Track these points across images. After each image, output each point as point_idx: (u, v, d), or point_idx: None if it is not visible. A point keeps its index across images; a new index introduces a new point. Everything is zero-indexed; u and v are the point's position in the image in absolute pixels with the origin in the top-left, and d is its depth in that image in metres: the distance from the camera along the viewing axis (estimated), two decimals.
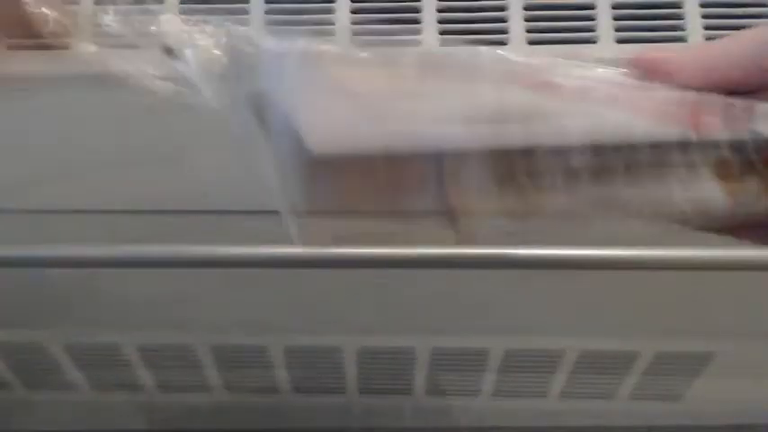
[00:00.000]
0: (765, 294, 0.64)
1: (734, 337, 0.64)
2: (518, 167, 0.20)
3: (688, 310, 0.71)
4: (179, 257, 0.50)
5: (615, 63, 0.24)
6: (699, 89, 0.23)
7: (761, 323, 0.67)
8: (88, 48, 0.50)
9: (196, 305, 0.66)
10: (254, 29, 0.56)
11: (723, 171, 0.22)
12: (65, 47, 0.50)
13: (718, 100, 0.23)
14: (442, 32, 0.56)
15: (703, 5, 0.56)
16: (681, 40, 0.55)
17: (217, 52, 0.23)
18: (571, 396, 0.84)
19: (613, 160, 0.21)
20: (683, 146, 0.22)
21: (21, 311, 0.67)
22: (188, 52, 0.23)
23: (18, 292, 0.62)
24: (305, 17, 0.57)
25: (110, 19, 0.27)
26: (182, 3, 0.57)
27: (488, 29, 0.56)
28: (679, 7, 0.56)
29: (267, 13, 0.57)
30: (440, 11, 0.57)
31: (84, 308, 0.67)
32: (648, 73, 0.24)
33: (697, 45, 0.23)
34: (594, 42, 0.56)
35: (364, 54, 0.23)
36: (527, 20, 0.56)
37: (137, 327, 0.69)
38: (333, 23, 0.57)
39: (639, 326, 0.75)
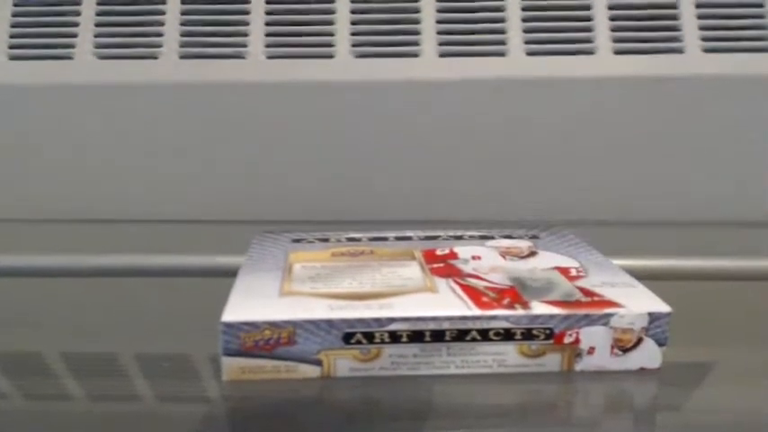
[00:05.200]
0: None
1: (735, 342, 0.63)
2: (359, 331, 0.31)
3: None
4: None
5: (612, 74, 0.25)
6: None
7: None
8: None
9: None
10: (252, 52, 0.57)
11: (525, 349, 0.32)
12: None
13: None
14: (441, 43, 0.57)
15: (700, 17, 0.56)
16: (678, 51, 0.56)
17: None
18: None
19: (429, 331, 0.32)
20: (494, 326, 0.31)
21: None
22: None
23: None
24: (305, 28, 0.58)
25: None
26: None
27: (487, 40, 0.57)
28: (676, 19, 0.56)
29: (267, 26, 0.58)
30: (439, 22, 0.57)
31: None
32: None
33: None
34: (592, 53, 0.56)
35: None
36: (525, 31, 0.57)
37: None
38: (333, 34, 0.57)
39: None
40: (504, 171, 0.57)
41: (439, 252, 0.40)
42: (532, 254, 0.40)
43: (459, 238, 0.43)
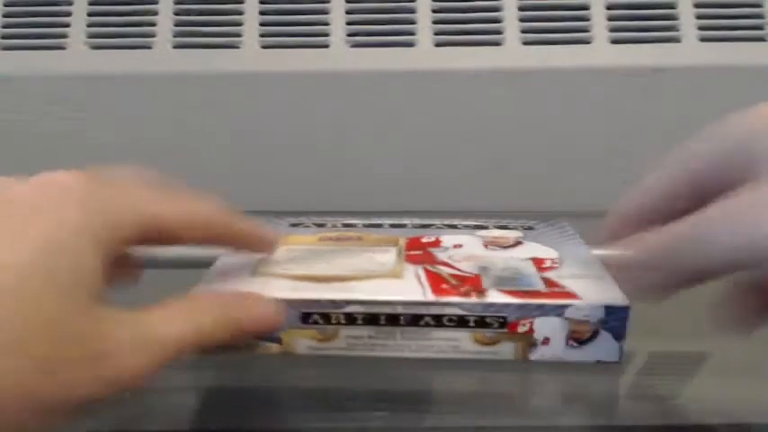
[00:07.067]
0: None
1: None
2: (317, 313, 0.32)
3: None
4: None
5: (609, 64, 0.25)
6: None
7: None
8: None
9: None
10: (246, 42, 0.57)
11: (479, 337, 0.32)
12: None
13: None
14: (437, 33, 0.56)
15: (697, 6, 0.56)
16: (675, 40, 0.55)
17: None
18: None
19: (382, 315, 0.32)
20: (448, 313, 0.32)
21: None
22: None
23: None
24: (300, 17, 0.57)
25: None
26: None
27: (483, 29, 0.56)
28: (673, 8, 0.56)
29: (261, 15, 0.57)
30: (435, 11, 0.57)
31: None
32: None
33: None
34: (589, 43, 0.56)
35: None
36: (522, 20, 0.56)
37: None
38: (328, 24, 0.57)
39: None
40: (501, 161, 0.57)
41: (424, 240, 0.40)
42: (517, 244, 0.40)
43: (454, 227, 0.43)
